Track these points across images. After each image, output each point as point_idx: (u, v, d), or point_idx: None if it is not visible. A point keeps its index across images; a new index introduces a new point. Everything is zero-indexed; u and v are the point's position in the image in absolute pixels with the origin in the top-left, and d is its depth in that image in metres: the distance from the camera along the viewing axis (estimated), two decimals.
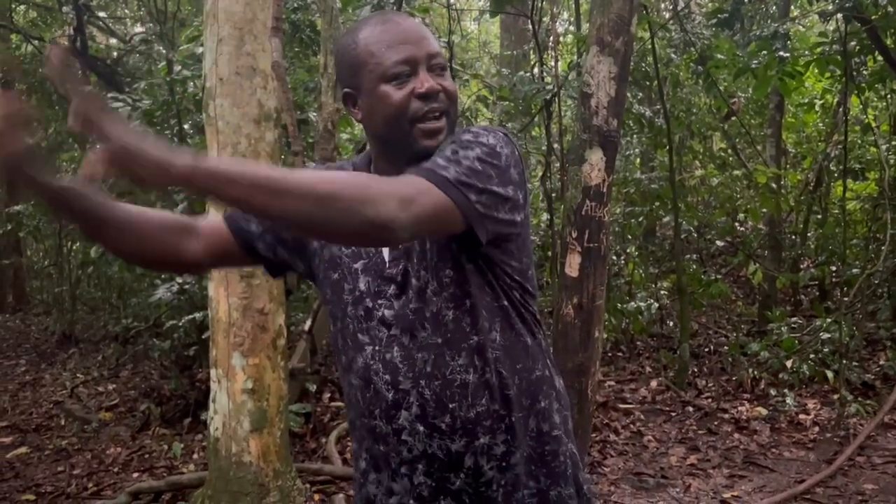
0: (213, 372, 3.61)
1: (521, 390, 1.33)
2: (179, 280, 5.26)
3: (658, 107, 6.55)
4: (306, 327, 5.18)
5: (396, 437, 1.30)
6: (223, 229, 1.39)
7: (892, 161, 6.47)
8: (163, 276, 5.66)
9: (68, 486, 4.26)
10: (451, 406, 1.28)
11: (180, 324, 5.03)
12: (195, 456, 4.61)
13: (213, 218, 1.45)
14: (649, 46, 5.82)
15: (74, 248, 9.47)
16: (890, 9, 4.86)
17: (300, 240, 1.39)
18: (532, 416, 1.34)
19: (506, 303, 1.32)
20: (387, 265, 1.31)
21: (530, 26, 6.04)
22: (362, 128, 1.40)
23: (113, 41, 11.11)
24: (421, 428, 1.29)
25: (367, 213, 1.06)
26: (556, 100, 5.37)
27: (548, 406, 1.36)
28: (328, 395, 5.45)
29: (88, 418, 5.47)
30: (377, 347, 1.30)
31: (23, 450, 4.93)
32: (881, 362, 5.69)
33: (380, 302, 1.30)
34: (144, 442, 4.93)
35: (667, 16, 8.14)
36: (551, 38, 7.57)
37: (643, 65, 6.39)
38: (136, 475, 4.40)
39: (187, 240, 1.37)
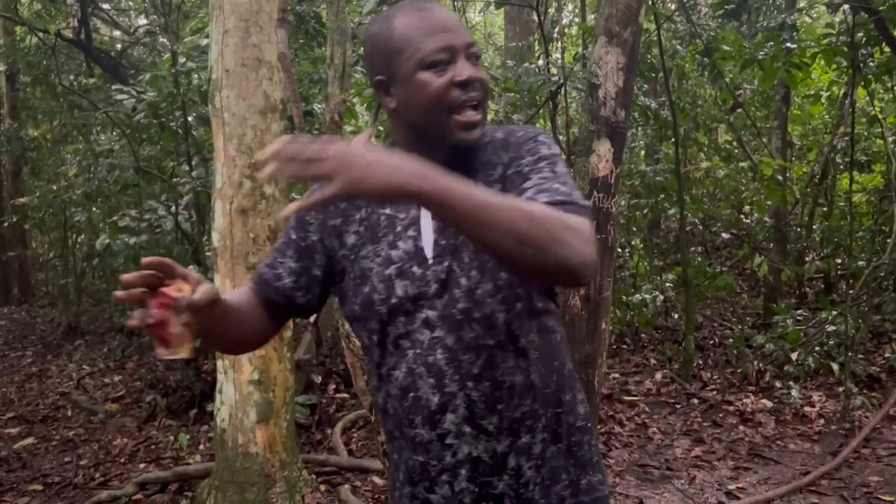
0: (219, 363, 3.62)
1: (557, 387, 1.34)
2: None
3: (663, 99, 6.53)
4: (312, 319, 5.19)
5: (440, 443, 1.27)
6: (266, 297, 1.37)
7: None
8: None
9: (75, 477, 4.28)
10: (499, 407, 1.27)
11: None
12: (201, 447, 4.63)
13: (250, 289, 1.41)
14: (655, 38, 5.79)
15: (79, 240, 9.49)
16: None
17: (331, 267, 1.35)
18: (564, 411, 1.35)
19: (540, 304, 1.32)
20: (430, 263, 1.26)
21: (535, 17, 6.01)
22: (389, 118, 1.35)
23: (117, 33, 11.10)
24: (468, 430, 1.26)
25: (563, 253, 1.05)
26: (562, 91, 5.35)
27: (573, 398, 1.37)
28: (333, 386, 5.47)
29: (95, 409, 5.49)
30: (419, 351, 1.27)
31: (30, 440, 4.96)
32: (886, 355, 5.69)
33: (421, 303, 1.26)
34: (151, 433, 4.95)
35: (672, 7, 8.10)
36: (556, 30, 7.54)
37: (649, 56, 6.37)
38: (142, 466, 4.43)
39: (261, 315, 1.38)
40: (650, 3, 5.92)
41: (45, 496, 4.07)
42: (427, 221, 1.28)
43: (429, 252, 1.26)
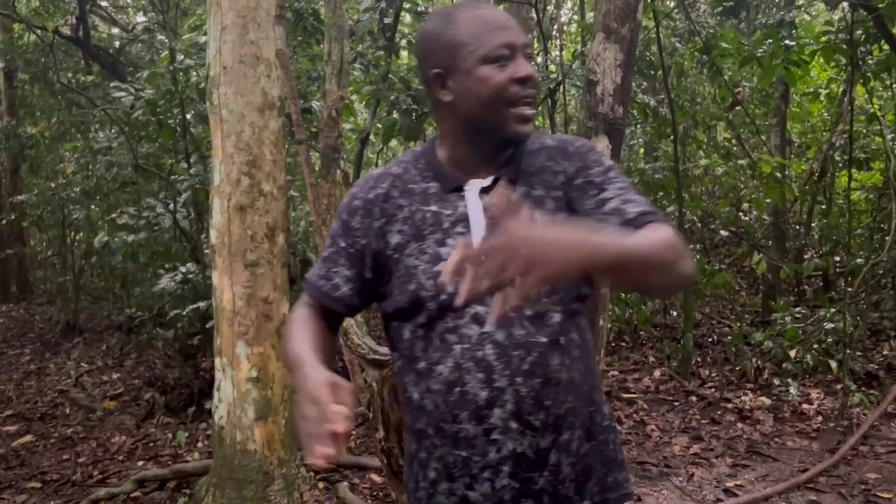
0: (217, 361, 3.62)
1: (591, 386, 1.37)
2: (183, 270, 5.26)
3: (662, 96, 6.53)
4: None
5: (486, 438, 1.28)
6: (326, 308, 1.39)
7: None
8: (166, 265, 5.67)
9: (74, 474, 4.28)
10: (546, 403, 1.29)
11: (184, 313, 5.04)
12: (199, 444, 4.63)
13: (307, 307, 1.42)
14: (654, 35, 5.78)
15: (78, 238, 9.49)
16: None
17: (379, 268, 1.36)
18: (595, 409, 1.38)
19: (577, 304, 1.36)
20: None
21: (534, 15, 6.01)
22: (438, 113, 1.36)
23: (115, 30, 11.08)
24: (514, 426, 1.28)
25: (683, 270, 1.16)
26: (561, 89, 5.35)
27: (600, 397, 1.41)
28: None
29: (93, 407, 5.49)
30: (467, 346, 1.28)
31: (28, 438, 4.96)
32: (885, 352, 5.69)
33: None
34: (149, 430, 4.95)
35: (671, 4, 8.10)
36: (555, 27, 7.54)
37: (648, 54, 6.37)
38: (140, 463, 4.42)
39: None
40: (649, 0, 5.91)
41: (44, 493, 4.07)
42: (477, 218, 1.30)
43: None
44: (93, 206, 7.95)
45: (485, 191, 1.32)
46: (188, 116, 5.66)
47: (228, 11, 3.49)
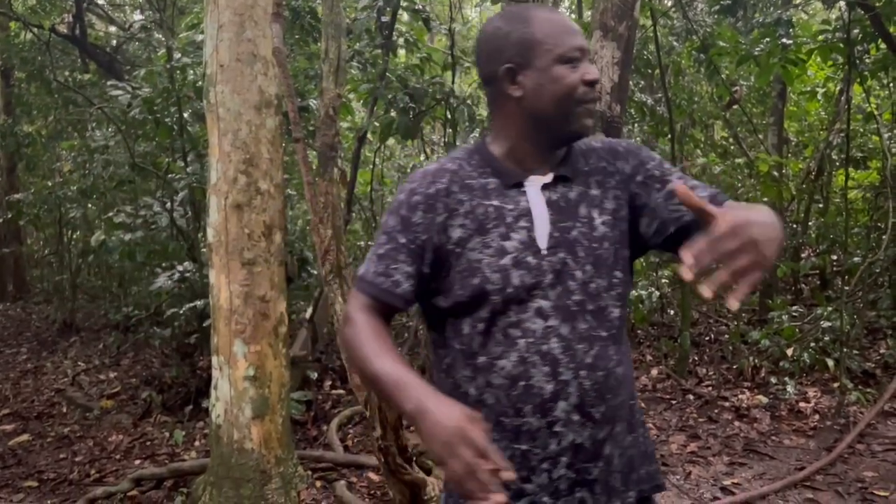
0: (214, 359, 3.61)
1: (632, 380, 1.43)
2: (180, 268, 5.26)
3: (660, 95, 6.53)
4: (307, 315, 5.19)
5: (548, 430, 1.31)
6: (386, 304, 1.38)
7: (894, 150, 6.45)
8: (163, 264, 5.66)
9: (70, 473, 4.28)
10: (607, 396, 1.33)
11: (181, 312, 5.03)
12: (196, 443, 4.62)
13: (366, 311, 1.38)
14: (651, 34, 5.78)
15: (75, 236, 9.47)
16: None
17: (437, 263, 1.36)
18: (634, 403, 1.44)
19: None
20: (544, 253, 1.32)
21: None
22: (501, 107, 1.38)
23: (112, 29, 11.06)
24: (576, 418, 1.31)
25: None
26: None
27: (636, 392, 1.47)
28: (329, 383, 5.47)
29: (90, 406, 5.48)
30: (532, 340, 1.31)
31: (25, 437, 4.95)
32: (882, 351, 5.70)
33: (535, 293, 1.31)
34: (146, 429, 4.94)
35: (669, 3, 8.10)
36: None
37: (645, 53, 6.37)
38: (137, 462, 4.42)
39: None
40: None
41: (41, 492, 4.06)
42: (540, 213, 1.34)
43: (542, 243, 1.33)
44: (90, 205, 7.93)
45: (545, 187, 1.36)
46: (185, 115, 5.65)
47: (225, 9, 3.48)
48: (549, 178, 1.37)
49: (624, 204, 1.39)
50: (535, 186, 1.36)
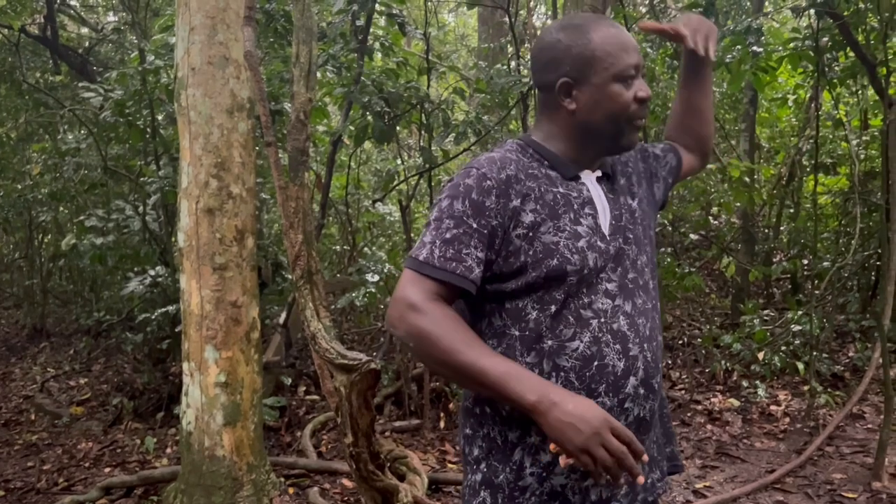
0: (185, 365, 3.57)
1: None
2: (152, 273, 5.20)
3: None
4: (281, 320, 5.15)
5: (619, 408, 1.36)
6: (458, 290, 1.36)
7: (862, 156, 6.56)
8: (135, 268, 5.59)
9: (38, 482, 4.20)
10: (660, 366, 1.44)
11: (153, 317, 4.97)
12: (168, 450, 4.57)
13: (440, 301, 1.35)
14: None
15: (46, 240, 9.32)
16: (861, 5, 4.91)
17: (504, 248, 1.37)
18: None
19: None
20: (608, 240, 1.40)
21: (507, 19, 6.03)
22: (553, 115, 1.46)
23: (85, 30, 10.92)
24: (642, 391, 1.38)
25: None
26: (532, 93, 5.37)
27: None
28: (304, 388, 5.43)
29: (59, 413, 5.40)
30: (603, 320, 1.36)
31: None
32: (850, 354, 5.78)
33: (602, 275, 1.38)
34: (117, 436, 4.87)
35: (643, 10, 8.18)
36: (528, 32, 7.57)
37: None
38: (107, 470, 4.35)
39: None
40: (620, 5, 5.96)
41: (7, 501, 3.99)
42: (601, 202, 1.43)
43: (606, 229, 1.41)
44: (61, 208, 7.81)
45: (598, 180, 1.46)
46: (159, 118, 5.59)
47: (197, 12, 3.45)
48: (598, 173, 1.47)
49: (642, 183, 1.56)
50: (591, 179, 1.45)
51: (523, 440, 1.37)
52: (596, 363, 1.34)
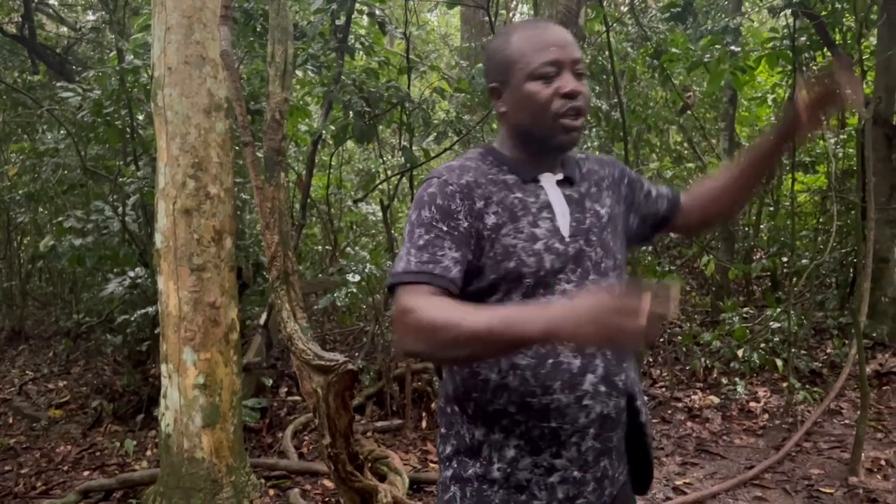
0: (163, 367, 3.55)
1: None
2: (132, 274, 5.15)
3: (615, 100, 6.61)
4: (262, 321, 5.13)
5: (577, 405, 1.38)
6: (446, 292, 1.36)
7: (839, 154, 6.63)
8: (114, 269, 5.54)
9: (16, 486, 4.15)
10: (624, 365, 1.44)
11: (133, 318, 4.93)
12: (148, 453, 4.53)
13: (435, 297, 1.35)
14: (606, 40, 5.86)
15: (24, 242, 9.22)
16: (838, 5, 4.97)
17: (477, 248, 1.40)
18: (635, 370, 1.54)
19: None
20: (567, 240, 1.43)
21: (487, 19, 6.04)
22: (499, 121, 1.53)
23: (63, 29, 10.81)
24: (603, 388, 1.40)
25: None
26: None
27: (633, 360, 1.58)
28: (285, 389, 5.41)
29: (37, 416, 5.34)
30: None
31: None
32: (828, 350, 5.84)
33: (560, 277, 1.40)
34: (96, 439, 4.83)
35: (624, 10, 8.21)
36: None
37: (600, 58, 6.44)
38: (86, 473, 4.31)
39: None
40: (600, 6, 5.99)
41: None
42: (560, 204, 1.45)
43: (565, 231, 1.43)
44: (40, 209, 7.72)
45: (558, 183, 1.48)
46: (139, 118, 5.54)
47: (173, 11, 3.43)
48: (559, 176, 1.49)
49: (619, 200, 1.57)
50: (550, 182, 1.47)
51: (488, 437, 1.42)
52: (550, 361, 1.37)
